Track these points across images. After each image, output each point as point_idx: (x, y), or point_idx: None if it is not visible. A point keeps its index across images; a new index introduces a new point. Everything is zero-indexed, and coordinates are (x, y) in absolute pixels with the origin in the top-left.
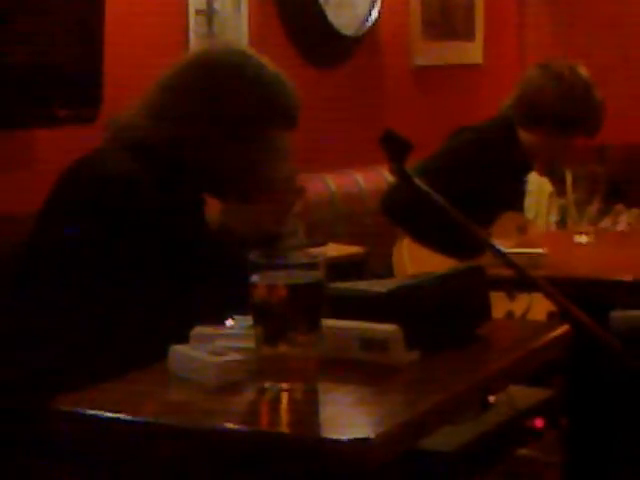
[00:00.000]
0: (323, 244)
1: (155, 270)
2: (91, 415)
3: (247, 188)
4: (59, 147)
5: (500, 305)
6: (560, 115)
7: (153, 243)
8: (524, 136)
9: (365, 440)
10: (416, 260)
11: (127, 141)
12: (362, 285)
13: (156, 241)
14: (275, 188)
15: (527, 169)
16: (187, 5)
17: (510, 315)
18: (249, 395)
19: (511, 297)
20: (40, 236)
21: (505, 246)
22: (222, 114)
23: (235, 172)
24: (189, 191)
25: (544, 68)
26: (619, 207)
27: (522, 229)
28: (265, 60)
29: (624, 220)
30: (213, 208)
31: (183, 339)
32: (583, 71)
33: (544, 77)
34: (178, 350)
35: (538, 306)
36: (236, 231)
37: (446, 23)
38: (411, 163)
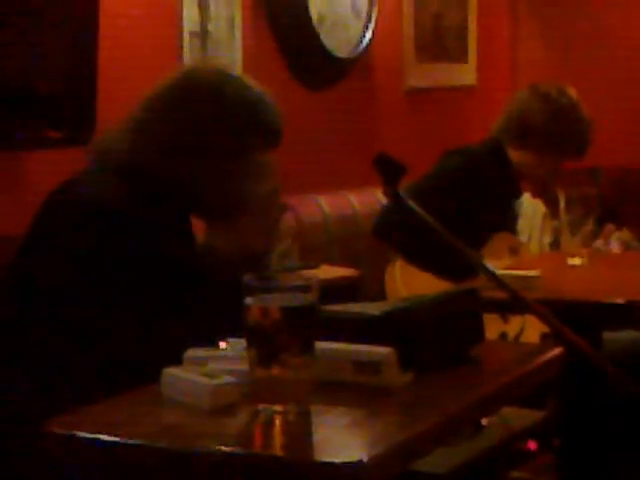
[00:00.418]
0: (316, 266)
1: (144, 292)
2: (83, 437)
3: (230, 207)
4: (52, 169)
5: (493, 327)
6: (547, 133)
7: (140, 265)
8: (513, 156)
9: (358, 463)
10: (409, 282)
11: (111, 162)
12: (355, 307)
13: (143, 263)
14: (258, 206)
15: (518, 190)
16: (181, 27)
17: (504, 337)
18: (242, 418)
19: (504, 319)
20: (25, 261)
21: (497, 267)
22: (202, 134)
23: (217, 191)
24: (174, 211)
25: (532, 89)
26: (609, 227)
27: (514, 250)
28: (249, 80)
29: (615, 240)
30: (198, 229)
31: (176, 361)
32: (571, 91)
33: (532, 97)
34: (171, 373)
35: (531, 328)
36: (222, 251)
37: (439, 45)
38: (402, 184)
